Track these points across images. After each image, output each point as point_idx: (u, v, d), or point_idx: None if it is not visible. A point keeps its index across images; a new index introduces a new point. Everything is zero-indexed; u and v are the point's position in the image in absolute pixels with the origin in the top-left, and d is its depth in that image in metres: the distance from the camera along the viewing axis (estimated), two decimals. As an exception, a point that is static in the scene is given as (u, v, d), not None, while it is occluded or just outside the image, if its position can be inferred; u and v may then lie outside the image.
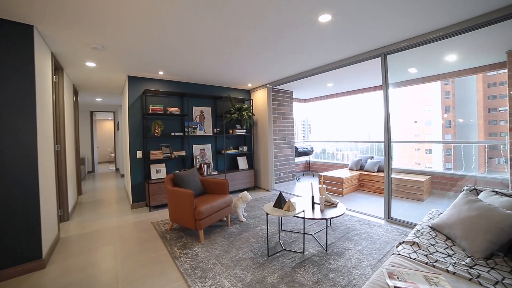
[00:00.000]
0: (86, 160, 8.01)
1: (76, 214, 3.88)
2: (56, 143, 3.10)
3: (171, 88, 4.47)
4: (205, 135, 4.71)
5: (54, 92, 3.09)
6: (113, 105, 7.65)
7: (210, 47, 2.91)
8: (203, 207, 2.68)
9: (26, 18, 2.15)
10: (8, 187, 2.13)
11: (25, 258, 2.20)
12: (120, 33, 2.46)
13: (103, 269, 2.24)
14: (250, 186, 5.13)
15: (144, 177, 4.16)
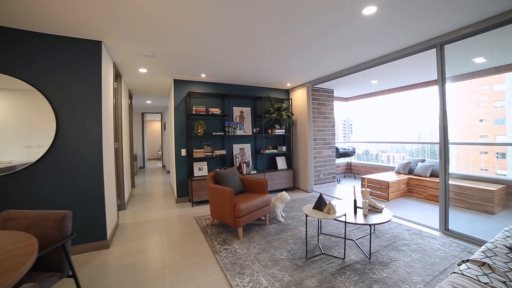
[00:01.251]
0: (138, 157, 8.91)
1: (130, 205, 4.34)
2: (115, 141, 3.51)
3: (212, 89, 4.68)
4: (245, 134, 4.81)
5: (114, 97, 3.51)
6: (160, 107, 8.33)
7: (251, 49, 2.97)
8: (242, 205, 2.75)
9: (97, 36, 2.50)
10: (83, 178, 2.52)
11: (95, 237, 2.59)
12: (168, 41, 2.66)
13: (153, 255, 2.46)
14: (288, 187, 5.09)
15: (187, 174, 4.44)
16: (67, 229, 1.49)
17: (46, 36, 2.41)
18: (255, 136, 5.09)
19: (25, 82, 2.35)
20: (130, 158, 5.18)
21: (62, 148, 2.46)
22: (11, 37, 2.30)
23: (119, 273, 2.15)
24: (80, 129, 2.52)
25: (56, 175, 2.44)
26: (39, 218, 1.50)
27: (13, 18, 2.10)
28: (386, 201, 4.18)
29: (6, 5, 1.89)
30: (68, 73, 2.49)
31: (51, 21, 2.17)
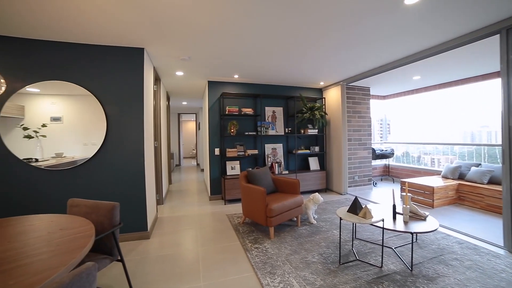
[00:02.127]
0: (175, 155, 9.46)
1: (168, 200, 4.63)
2: (155, 140, 3.78)
3: (245, 90, 4.76)
4: (277, 134, 4.81)
5: (154, 99, 3.78)
6: (195, 108, 8.74)
7: (284, 49, 2.96)
8: (274, 205, 2.75)
9: (140, 43, 2.73)
10: (128, 173, 2.77)
11: (137, 228, 2.83)
12: (204, 44, 2.78)
13: (188, 249, 2.59)
14: (321, 188, 4.95)
15: (220, 173, 4.59)
16: (116, 218, 1.66)
17: (98, 47, 2.71)
18: (287, 136, 5.06)
19: (83, 88, 2.66)
20: (168, 156, 5.53)
21: (110, 146, 2.74)
22: (72, 50, 2.64)
23: (158, 263, 2.32)
24: (125, 129, 2.78)
25: (106, 170, 2.73)
26: (95, 207, 1.69)
27: (73, 34, 2.39)
28: (431, 208, 3.82)
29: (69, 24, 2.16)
30: (116, 78, 2.76)
31: (102, 33, 2.42)
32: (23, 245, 1.13)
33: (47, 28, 2.30)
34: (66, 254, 1.01)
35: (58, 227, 1.35)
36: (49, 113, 2.62)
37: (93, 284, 0.82)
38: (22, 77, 2.51)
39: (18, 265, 0.96)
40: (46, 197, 2.58)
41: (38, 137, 2.59)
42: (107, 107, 2.73)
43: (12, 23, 2.19)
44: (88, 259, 1.50)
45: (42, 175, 2.57)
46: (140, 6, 1.97)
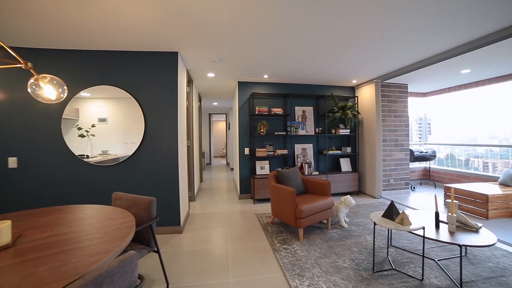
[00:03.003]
0: (205, 154, 9.81)
1: (199, 197, 4.83)
2: (188, 139, 3.96)
3: (275, 90, 4.75)
4: (307, 134, 4.72)
5: (187, 100, 3.96)
6: (225, 108, 8.96)
7: (314, 48, 2.89)
8: (304, 206, 2.70)
9: (174, 48, 2.88)
10: (163, 170, 2.95)
11: (171, 222, 3.00)
12: (234, 45, 2.84)
13: (218, 245, 2.67)
14: (353, 190, 4.74)
15: (250, 172, 4.65)
16: (153, 212, 1.77)
17: (137, 53, 2.93)
18: (317, 136, 4.94)
19: (124, 91, 2.91)
20: (199, 155, 5.76)
21: (148, 145, 2.94)
22: (115, 57, 2.90)
23: (190, 256, 2.43)
24: (160, 129, 2.96)
25: (144, 167, 2.93)
26: (135, 201, 1.83)
27: (117, 43, 2.62)
28: (484, 220, 3.40)
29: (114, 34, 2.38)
30: (153, 81, 2.95)
31: (141, 41, 2.61)
32: (80, 230, 1.28)
33: (97, 39, 2.55)
34: (112, 242, 1.12)
35: (105, 217, 1.49)
36: (97, 114, 2.91)
37: (135, 271, 0.90)
38: (78, 83, 2.83)
39: (77, 246, 1.09)
40: (95, 189, 2.87)
41: (89, 136, 2.89)
42: (145, 108, 2.94)
43: (72, 38, 2.47)
44: (130, 248, 1.64)
45: (91, 169, 2.87)
46: (176, 13, 2.08)
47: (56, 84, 1.48)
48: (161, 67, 2.96)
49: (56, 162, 2.82)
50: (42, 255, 1.03)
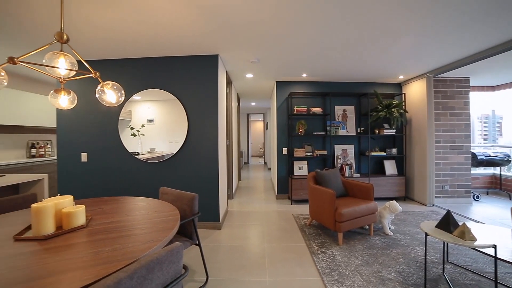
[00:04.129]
0: (243, 153, 10.04)
1: (237, 195, 4.97)
2: (227, 139, 4.11)
3: (313, 89, 4.63)
4: (348, 134, 4.50)
5: (227, 101, 4.10)
6: (263, 108, 9.04)
7: (357, 43, 2.74)
8: (344, 209, 2.58)
9: (215, 51, 3.01)
10: (204, 168, 3.12)
11: (211, 218, 3.14)
12: (273, 45, 2.84)
13: (255, 243, 2.71)
14: (398, 196, 4.36)
15: (287, 172, 4.61)
16: (195, 207, 1.88)
17: (180, 58, 3.14)
18: (359, 137, 4.66)
19: (169, 93, 3.15)
20: (238, 154, 5.92)
21: (190, 144, 3.14)
22: (161, 62, 3.16)
23: (228, 252, 2.51)
24: (202, 128, 3.13)
25: (186, 165, 3.13)
26: (179, 196, 1.97)
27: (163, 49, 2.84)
28: None
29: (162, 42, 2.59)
30: (195, 83, 3.13)
31: (184, 46, 2.80)
32: (134, 219, 1.44)
33: (147, 48, 2.82)
34: (160, 232, 1.23)
35: (154, 209, 1.64)
36: (146, 115, 3.21)
37: (180, 260, 0.97)
38: (131, 88, 3.17)
39: (132, 233, 1.23)
40: (144, 183, 3.18)
41: (139, 135, 3.20)
42: (188, 109, 3.14)
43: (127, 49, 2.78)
44: (174, 240, 1.77)
45: (141, 165, 3.17)
46: (216, 18, 2.18)
47: (116, 89, 1.68)
48: (202, 69, 3.13)
49: (114, 157, 3.20)
50: (107, 237, 1.19)
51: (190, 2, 1.93)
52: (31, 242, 1.15)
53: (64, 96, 1.70)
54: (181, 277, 0.98)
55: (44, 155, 4.40)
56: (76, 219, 1.31)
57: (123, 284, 0.75)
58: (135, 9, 2.01)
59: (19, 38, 2.50)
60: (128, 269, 0.79)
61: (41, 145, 4.42)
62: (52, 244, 1.13)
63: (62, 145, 3.26)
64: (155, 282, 0.86)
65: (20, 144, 4.23)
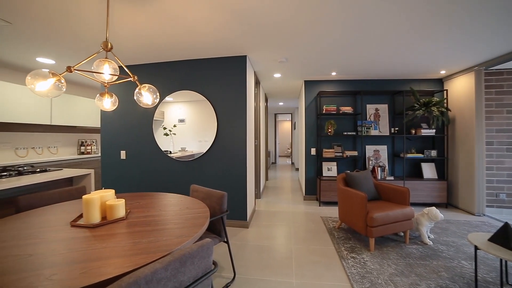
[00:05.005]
0: (271, 153, 10.03)
1: (264, 195, 4.98)
2: (255, 139, 4.14)
3: (343, 87, 4.46)
4: (380, 135, 4.25)
5: (255, 101, 4.14)
6: (291, 108, 8.94)
7: (393, 37, 2.57)
8: (376, 213, 2.45)
9: (243, 51, 3.05)
10: (232, 167, 3.19)
11: (239, 217, 3.20)
12: (301, 45, 2.80)
13: (282, 244, 2.70)
14: (439, 202, 4.00)
15: (316, 173, 4.51)
16: (224, 206, 1.94)
17: (210, 60, 3.24)
18: (393, 137, 4.38)
19: (199, 94, 3.27)
20: (265, 154, 5.93)
21: (219, 143, 3.22)
22: (192, 65, 3.29)
23: (256, 251, 2.54)
24: (231, 128, 3.19)
25: (215, 164, 3.23)
26: (209, 194, 2.04)
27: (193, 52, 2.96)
28: None
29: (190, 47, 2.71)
30: (224, 84, 3.21)
31: (213, 49, 2.88)
32: (167, 214, 1.53)
33: (179, 52, 2.96)
34: (191, 228, 1.29)
35: (185, 206, 1.72)
36: (178, 116, 3.37)
37: (211, 256, 1.01)
38: (164, 89, 3.36)
39: (165, 227, 1.30)
40: (175, 180, 3.35)
41: (171, 135, 3.38)
42: (217, 109, 3.23)
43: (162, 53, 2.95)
44: (204, 236, 1.84)
45: (173, 163, 3.35)
46: (244, 19, 2.21)
47: (152, 91, 1.79)
48: (231, 70, 3.20)
49: (149, 156, 3.42)
50: (143, 229, 1.28)
51: (223, 7, 1.99)
52: (83, 229, 1.30)
53: (108, 99, 1.87)
54: (211, 272, 1.01)
55: (91, 152, 4.88)
56: (117, 211, 1.43)
57: (159, 274, 0.81)
58: (171, 17, 2.13)
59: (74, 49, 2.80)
60: (163, 260, 0.84)
61: (88, 143, 4.90)
62: (99, 232, 1.25)
63: (105, 144, 3.59)
64: (187, 275, 0.91)
65: (72, 142, 4.78)
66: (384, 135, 4.24)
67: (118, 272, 0.88)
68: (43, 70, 1.31)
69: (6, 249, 1.06)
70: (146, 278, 0.77)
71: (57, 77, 1.34)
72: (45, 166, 3.72)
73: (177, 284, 0.87)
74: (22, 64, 3.48)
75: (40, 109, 3.86)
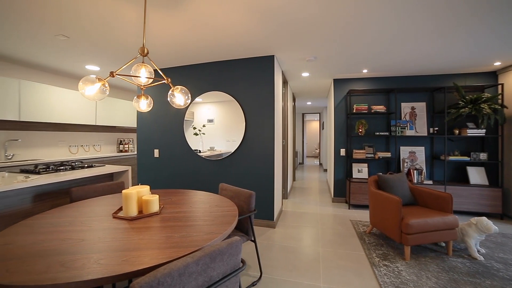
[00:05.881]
0: (298, 153, 9.89)
1: (291, 195, 4.93)
2: (283, 139, 4.11)
3: (375, 85, 4.23)
4: (417, 135, 3.94)
5: (283, 100, 4.11)
6: (319, 107, 8.71)
7: (436, 30, 2.37)
8: (413, 220, 2.28)
9: (270, 51, 3.05)
10: (260, 167, 3.21)
11: (265, 216, 3.21)
12: (330, 42, 2.71)
13: (309, 246, 2.64)
14: (491, 212, 3.56)
15: (345, 175, 4.34)
16: (252, 205, 1.95)
17: (238, 61, 3.29)
18: (432, 138, 4.03)
19: (228, 94, 3.33)
20: (293, 154, 5.86)
21: (247, 143, 3.26)
22: (220, 66, 3.37)
23: (282, 252, 2.52)
24: (259, 128, 3.21)
25: (243, 163, 3.27)
26: (237, 192, 2.08)
27: (221, 55, 3.03)
28: None
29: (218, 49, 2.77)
30: (252, 84, 3.23)
31: (241, 50, 2.91)
32: (197, 211, 1.59)
33: (208, 54, 3.06)
34: (220, 225, 1.32)
35: (214, 203, 1.77)
36: (207, 116, 3.48)
37: (239, 254, 1.03)
38: (195, 91, 3.50)
39: (195, 224, 1.36)
40: (204, 178, 3.46)
41: (201, 134, 3.50)
42: (245, 109, 3.27)
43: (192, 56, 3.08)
44: (232, 234, 1.88)
45: (202, 162, 3.47)
46: (271, 19, 2.20)
47: (184, 92, 1.88)
48: (259, 71, 3.21)
49: (180, 154, 3.59)
50: (175, 224, 1.35)
51: (252, 8, 2.01)
52: (122, 220, 1.41)
53: (144, 101, 2.00)
54: (239, 269, 1.03)
55: (128, 150, 5.28)
56: (152, 206, 1.53)
57: (190, 268, 0.84)
58: (202, 22, 2.21)
59: (115, 56, 3.06)
60: (195, 255, 0.88)
61: (126, 142, 5.30)
62: (136, 224, 1.35)
63: (141, 142, 3.84)
64: (216, 271, 0.94)
65: (112, 141, 5.21)
66: (422, 136, 3.91)
67: (154, 263, 0.94)
68: (91, 76, 1.45)
69: (64, 233, 1.23)
70: (179, 271, 0.81)
71: (102, 81, 1.47)
72: (91, 162, 4.12)
73: (207, 279, 0.90)
74: (73, 72, 3.90)
75: (87, 111, 4.29)
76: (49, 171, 2.37)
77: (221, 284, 0.95)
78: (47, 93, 3.68)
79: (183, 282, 0.82)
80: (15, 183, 1.86)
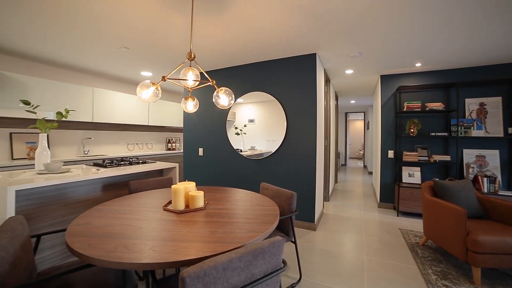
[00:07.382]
0: (341, 154, 9.43)
1: (333, 198, 4.72)
2: (325, 139, 3.96)
3: (431, 80, 3.78)
4: (487, 136, 3.39)
5: (325, 99, 3.96)
6: (363, 106, 8.16)
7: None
8: (483, 236, 1.94)
9: (312, 49, 2.97)
10: (301, 167, 3.15)
11: (306, 218, 3.15)
12: (377, 36, 2.51)
13: (352, 252, 2.50)
14: None
15: (394, 179, 3.99)
16: (293, 206, 1.93)
17: (279, 60, 3.28)
18: (509, 139, 3.42)
19: (269, 94, 3.34)
20: (335, 155, 5.62)
21: (289, 143, 3.23)
22: (261, 66, 3.40)
23: (323, 255, 2.43)
24: (300, 128, 3.15)
25: (284, 163, 3.25)
26: (278, 192, 2.07)
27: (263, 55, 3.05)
28: None
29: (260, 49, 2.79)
30: (293, 83, 3.19)
31: (282, 49, 2.89)
32: (239, 209, 1.63)
33: (249, 55, 3.12)
34: (262, 224, 1.34)
35: (255, 202, 1.80)
36: (248, 116, 3.55)
37: (281, 254, 1.02)
38: (237, 91, 3.61)
39: (238, 221, 1.40)
40: (246, 177, 3.54)
41: (242, 134, 3.59)
42: (287, 109, 3.24)
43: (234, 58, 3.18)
44: (273, 234, 1.88)
45: (244, 161, 3.55)
46: (314, 16, 2.13)
47: (228, 93, 1.95)
48: (300, 70, 3.15)
49: (223, 153, 3.74)
50: (219, 220, 1.41)
51: (293, 5, 1.99)
52: (171, 213, 1.53)
53: (191, 102, 2.13)
54: (280, 269, 1.03)
55: (175, 148, 5.71)
56: (198, 202, 1.62)
57: (234, 264, 0.87)
58: (243, 23, 2.27)
59: (165, 61, 3.35)
60: (238, 251, 0.90)
61: (173, 141, 5.75)
62: (183, 218, 1.45)
63: (187, 141, 4.12)
64: (258, 269, 0.94)
65: (162, 140, 5.72)
66: (494, 137, 3.34)
67: (200, 255, 0.99)
68: (146, 81, 1.60)
69: (126, 220, 1.40)
70: (223, 265, 0.84)
71: (155, 85, 1.62)
72: (144, 158, 4.58)
73: (249, 276, 0.92)
74: (131, 78, 4.40)
75: (141, 113, 4.81)
76: (113, 165, 2.70)
77: (262, 282, 0.95)
78: (112, 97, 4.27)
79: (227, 276, 0.85)
80: (91, 174, 2.19)
